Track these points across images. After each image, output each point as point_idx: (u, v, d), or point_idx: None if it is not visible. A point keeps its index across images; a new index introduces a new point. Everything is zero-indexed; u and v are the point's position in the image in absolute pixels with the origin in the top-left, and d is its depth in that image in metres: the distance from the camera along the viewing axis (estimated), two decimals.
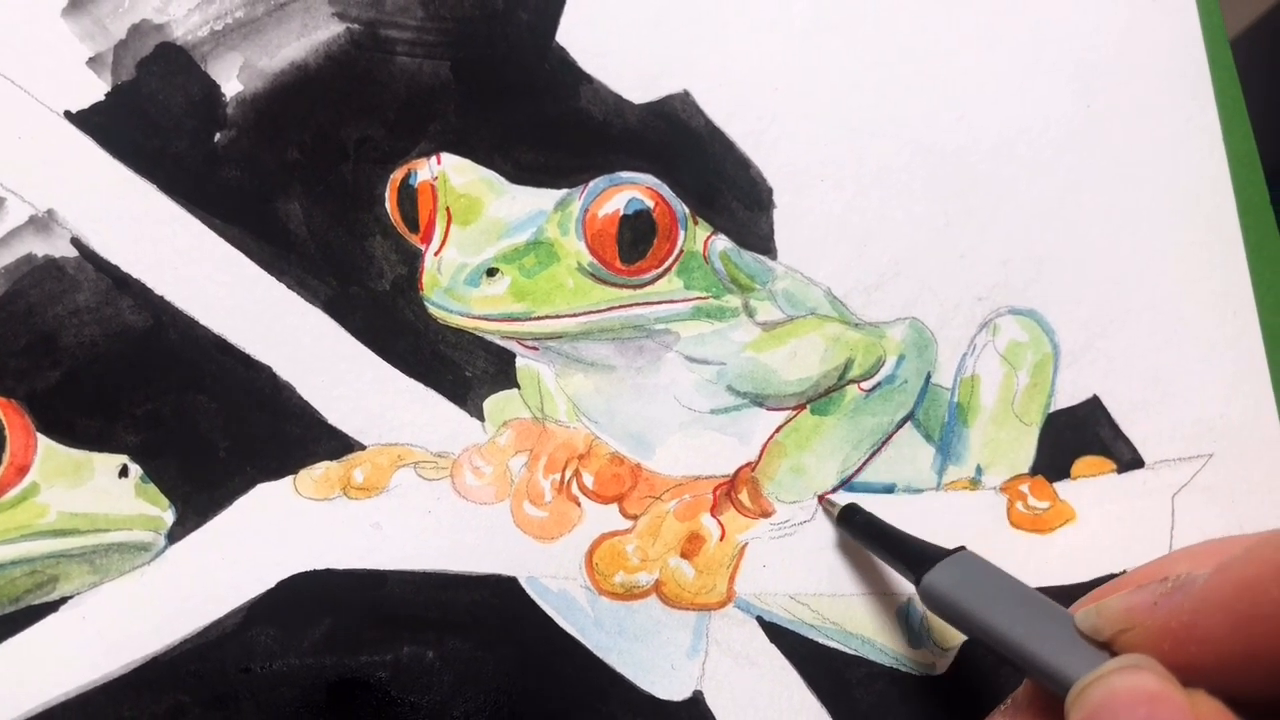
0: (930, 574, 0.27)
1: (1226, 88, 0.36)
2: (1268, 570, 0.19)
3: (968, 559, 0.28)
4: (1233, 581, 0.20)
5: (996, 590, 0.26)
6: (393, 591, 0.32)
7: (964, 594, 0.26)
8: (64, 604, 0.31)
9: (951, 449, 0.34)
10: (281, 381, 0.32)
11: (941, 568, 0.27)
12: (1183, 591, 0.20)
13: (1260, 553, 0.20)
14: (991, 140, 0.35)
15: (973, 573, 0.27)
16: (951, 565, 0.27)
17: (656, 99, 0.34)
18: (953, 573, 0.27)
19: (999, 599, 0.25)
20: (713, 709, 0.32)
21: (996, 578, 0.27)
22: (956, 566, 0.27)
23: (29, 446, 0.30)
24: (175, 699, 0.30)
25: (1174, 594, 0.21)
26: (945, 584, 0.27)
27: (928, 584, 0.27)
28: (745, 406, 0.33)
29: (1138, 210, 0.36)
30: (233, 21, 0.32)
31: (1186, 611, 0.20)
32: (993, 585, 0.26)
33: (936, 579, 0.27)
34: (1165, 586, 0.21)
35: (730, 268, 0.33)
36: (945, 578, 0.27)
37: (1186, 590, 0.20)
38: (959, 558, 0.28)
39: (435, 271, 0.32)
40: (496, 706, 0.31)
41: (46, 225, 0.31)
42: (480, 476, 0.33)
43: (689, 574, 0.33)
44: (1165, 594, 0.21)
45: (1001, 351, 0.35)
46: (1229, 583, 0.20)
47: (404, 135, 0.33)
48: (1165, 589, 0.21)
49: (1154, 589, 0.21)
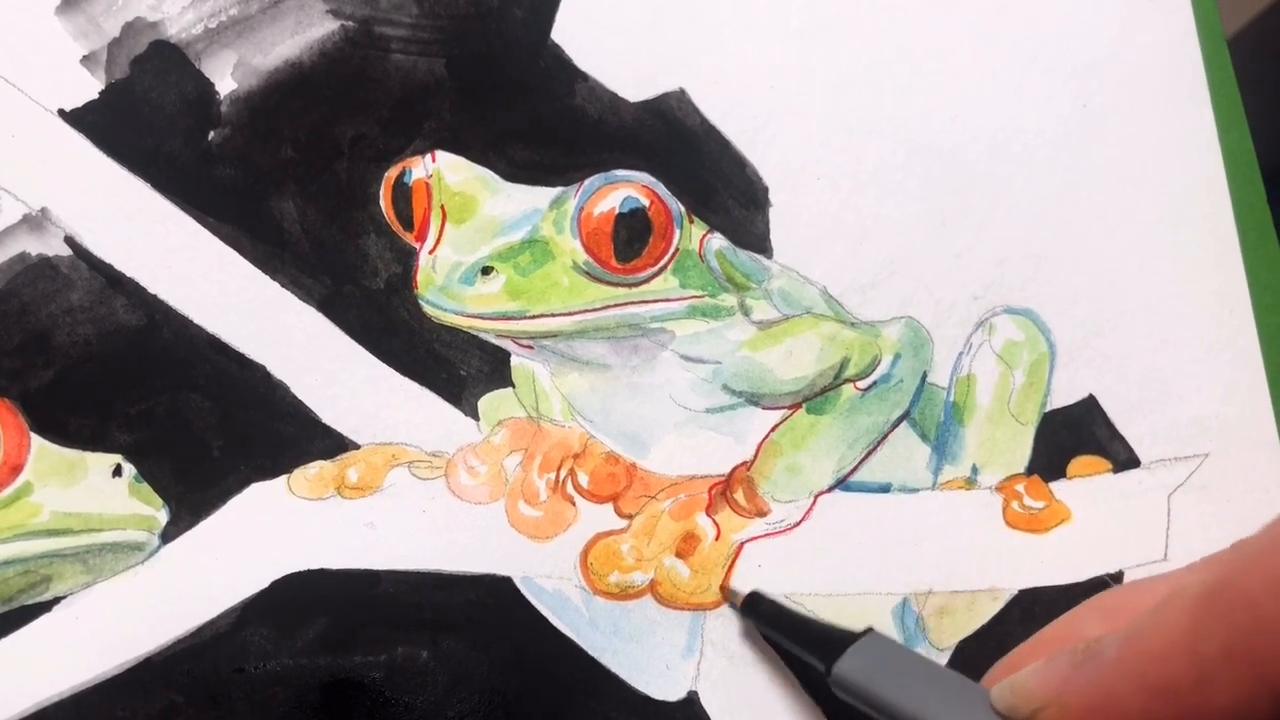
0: (840, 662, 0.27)
1: (1223, 87, 0.36)
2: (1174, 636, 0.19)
3: (876, 642, 0.27)
4: (1142, 653, 0.19)
5: (909, 672, 0.26)
6: (387, 591, 0.32)
7: (877, 680, 0.26)
8: (57, 604, 0.31)
9: (947, 448, 0.34)
10: (275, 380, 0.32)
11: (851, 654, 0.27)
12: (1094, 663, 0.20)
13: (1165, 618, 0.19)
14: (987, 139, 0.35)
15: (883, 655, 0.27)
16: (861, 651, 0.27)
17: (652, 97, 0.33)
18: (863, 658, 0.27)
19: (913, 681, 0.25)
20: (708, 709, 0.32)
21: (907, 659, 0.27)
22: (866, 651, 0.27)
23: (22, 446, 0.30)
24: (169, 699, 0.30)
25: (1086, 665, 0.20)
26: (856, 672, 0.27)
27: (838, 674, 0.27)
28: (741, 405, 0.33)
29: (1134, 210, 0.36)
30: (226, 19, 0.32)
31: (1100, 685, 0.20)
32: (905, 667, 0.26)
33: (847, 667, 0.27)
34: (1076, 657, 0.20)
35: (726, 266, 0.33)
36: (856, 664, 0.27)
37: (1097, 660, 0.20)
38: (867, 642, 0.27)
39: (430, 270, 0.32)
40: (491, 706, 0.31)
41: (40, 224, 0.31)
42: (475, 476, 0.32)
43: (684, 574, 0.33)
44: (1077, 666, 0.20)
45: (997, 351, 0.35)
46: (1137, 654, 0.19)
47: (399, 133, 0.32)
48: (1076, 660, 0.20)
49: (1066, 660, 0.21)
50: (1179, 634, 0.18)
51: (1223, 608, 0.18)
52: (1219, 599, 0.18)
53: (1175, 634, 0.19)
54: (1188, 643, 0.18)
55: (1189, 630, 0.18)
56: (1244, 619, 0.18)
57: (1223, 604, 0.18)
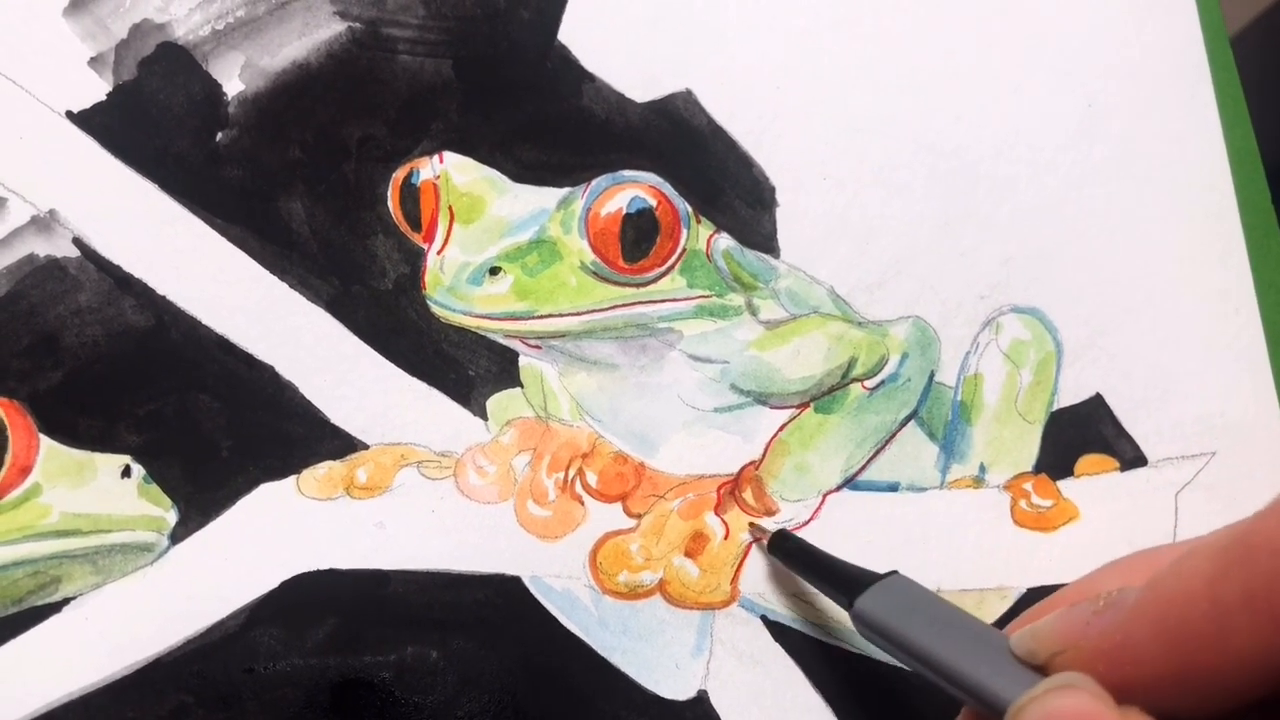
0: (862, 598, 0.27)
1: (1227, 86, 0.37)
2: (1197, 584, 0.19)
3: (900, 583, 0.27)
4: (1163, 598, 0.19)
5: (930, 614, 0.25)
6: (396, 591, 0.32)
7: (897, 618, 0.26)
8: (67, 605, 0.31)
9: (955, 447, 0.34)
10: (284, 381, 0.32)
11: (874, 592, 0.27)
12: (1114, 610, 0.20)
13: (1188, 566, 0.19)
14: (993, 139, 0.35)
15: (906, 597, 0.27)
16: (884, 590, 0.27)
17: (659, 97, 0.34)
18: (885, 597, 0.27)
19: (933, 623, 0.25)
20: (717, 708, 0.32)
21: (930, 602, 0.26)
22: (889, 591, 0.27)
23: (31, 447, 0.30)
24: (178, 699, 0.30)
25: (1106, 613, 0.20)
26: (878, 608, 0.26)
27: (860, 608, 0.27)
28: (749, 405, 0.33)
29: (1139, 208, 0.36)
30: (234, 20, 0.32)
31: (1119, 631, 0.20)
32: (926, 609, 0.26)
33: (869, 604, 0.27)
34: (1097, 605, 0.20)
35: (733, 266, 0.33)
36: (878, 602, 0.27)
37: (1118, 608, 0.20)
38: (891, 582, 0.27)
39: (438, 270, 0.32)
40: (500, 706, 0.31)
41: (48, 225, 0.31)
42: (484, 476, 0.32)
43: (693, 573, 0.33)
44: (1097, 613, 0.20)
45: (1004, 350, 0.35)
46: (1159, 600, 0.19)
47: (406, 134, 0.33)
48: (1097, 607, 0.20)
49: (1086, 608, 0.21)
50: (1200, 581, 0.19)
51: (1245, 555, 0.18)
52: (1241, 546, 0.18)
53: (1196, 581, 0.19)
54: (1208, 589, 0.18)
55: (1210, 577, 0.18)
56: (1266, 565, 0.18)
57: (1245, 551, 0.18)
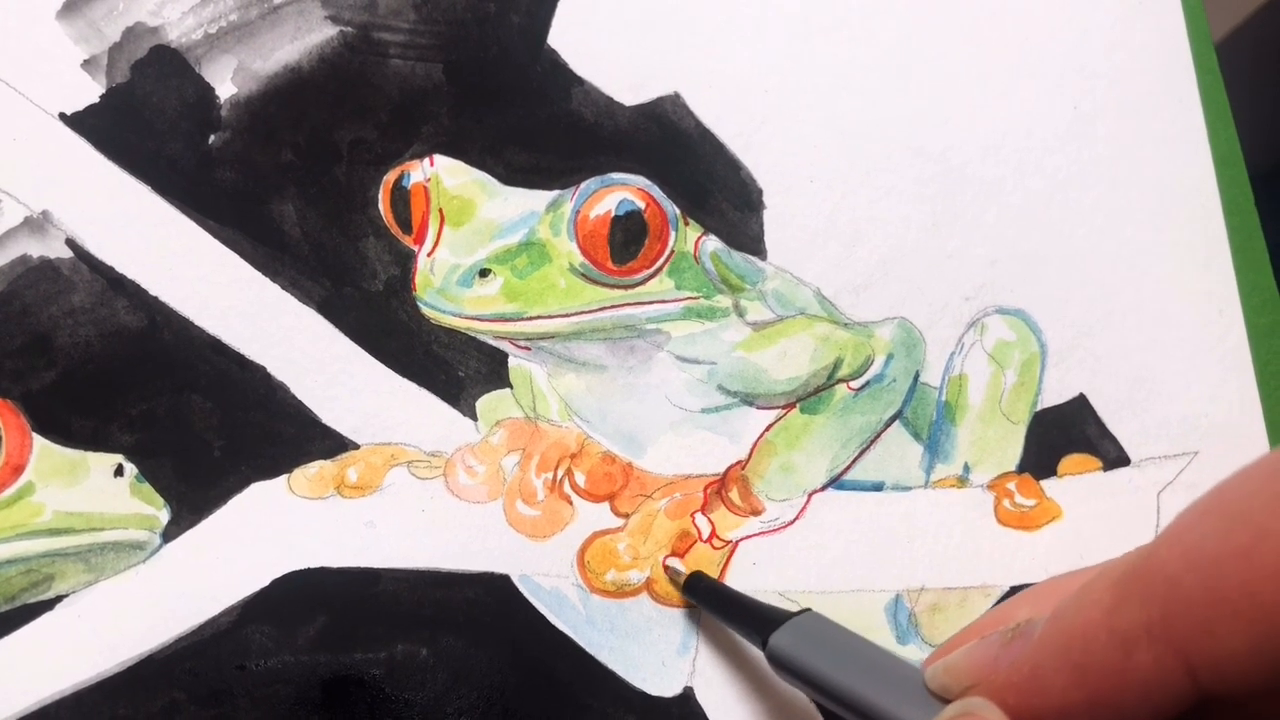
0: (775, 636, 0.27)
1: (1211, 91, 0.37)
2: (1097, 615, 0.19)
3: (813, 620, 0.27)
4: (1065, 629, 0.19)
5: (845, 651, 0.25)
6: (386, 589, 0.32)
7: (811, 656, 0.26)
8: (59, 602, 0.31)
9: (939, 447, 0.35)
10: (276, 381, 0.32)
11: (787, 629, 0.27)
12: (1021, 641, 0.20)
13: (1089, 596, 0.19)
14: (979, 141, 0.35)
15: (819, 634, 0.26)
16: (797, 627, 0.27)
17: (647, 101, 0.34)
18: (799, 635, 0.27)
19: (847, 660, 0.25)
20: (703, 705, 0.33)
21: (844, 638, 0.26)
22: (803, 629, 0.27)
23: (24, 446, 0.31)
24: (170, 696, 0.30)
25: (1013, 644, 0.20)
26: (791, 646, 0.26)
27: (773, 647, 0.27)
28: (735, 405, 0.34)
29: (1124, 211, 0.36)
30: (226, 24, 0.32)
31: (1026, 663, 0.20)
32: (841, 646, 0.26)
33: (782, 641, 0.27)
34: (1006, 637, 0.20)
35: (721, 268, 0.34)
36: (791, 640, 0.27)
37: (1025, 639, 0.20)
38: (803, 620, 0.27)
39: (428, 272, 0.32)
40: (489, 703, 0.31)
41: (41, 226, 0.31)
42: (473, 475, 0.33)
43: (680, 572, 0.33)
44: (1005, 645, 0.20)
45: (989, 350, 0.35)
46: (1062, 630, 0.19)
47: (397, 137, 0.33)
48: (1005, 639, 0.20)
49: (995, 640, 0.21)
50: (1100, 612, 0.19)
51: (1142, 585, 0.18)
52: (1139, 576, 0.18)
53: (1097, 612, 0.19)
54: (1109, 620, 0.18)
55: (1110, 608, 0.18)
56: (1162, 595, 0.18)
57: (1142, 581, 0.18)
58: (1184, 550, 0.18)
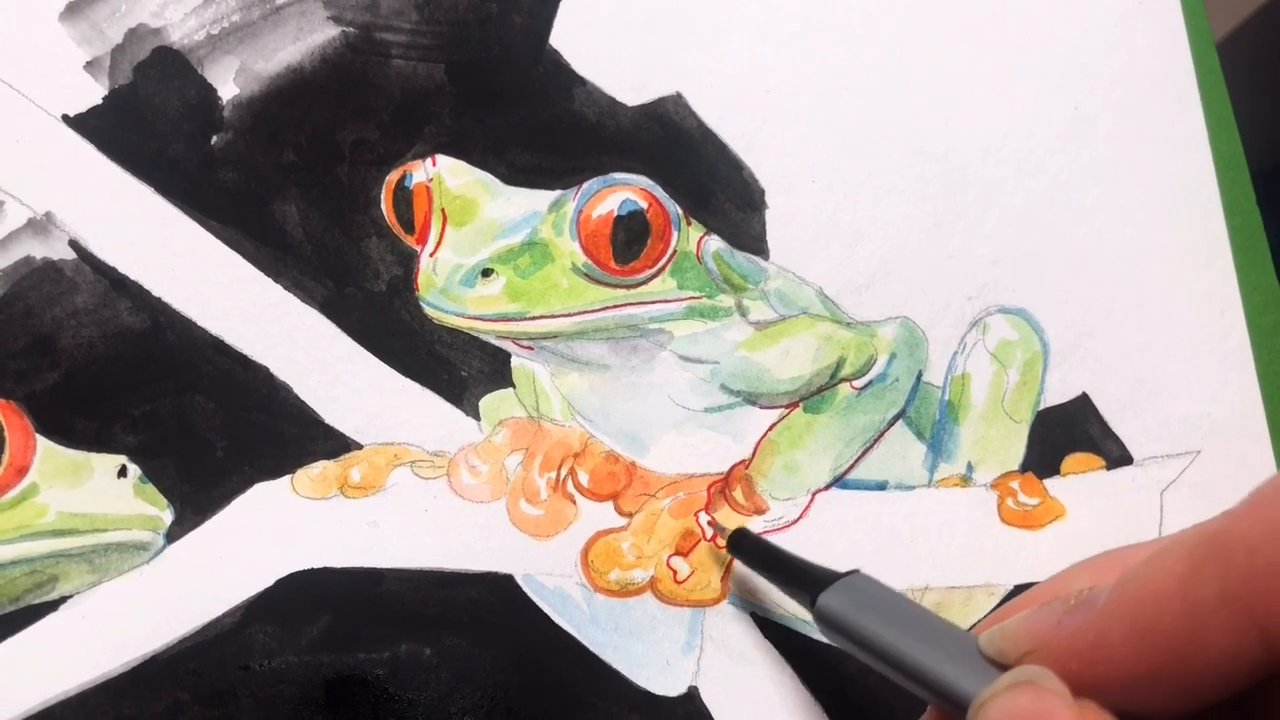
0: (825, 595, 0.26)
1: (1212, 90, 0.37)
2: (1169, 583, 0.18)
3: (862, 581, 0.26)
4: (1134, 597, 0.19)
5: (895, 613, 0.25)
6: (390, 589, 0.32)
7: (861, 616, 0.25)
8: (63, 603, 0.31)
9: (943, 446, 0.35)
10: (279, 382, 0.32)
11: (836, 589, 0.26)
12: (1086, 608, 0.20)
13: (1160, 564, 0.19)
14: (980, 141, 0.35)
15: (869, 595, 0.26)
16: (846, 588, 0.26)
17: (649, 101, 0.34)
18: (848, 595, 0.26)
19: (897, 621, 0.24)
20: (708, 704, 0.33)
21: (894, 600, 0.25)
22: (851, 589, 0.26)
23: (28, 447, 0.31)
24: (174, 697, 0.30)
25: (1077, 611, 0.20)
26: (841, 606, 0.26)
27: (822, 606, 0.26)
28: (738, 405, 0.34)
29: (1126, 210, 0.36)
30: (229, 25, 0.32)
31: (1090, 630, 0.19)
32: (891, 608, 0.25)
33: (831, 601, 0.26)
34: (1068, 604, 0.20)
35: (723, 268, 0.34)
36: (841, 600, 0.26)
37: (1089, 607, 0.20)
38: (853, 580, 0.26)
39: (431, 272, 0.32)
40: (493, 703, 0.31)
41: (45, 228, 0.31)
42: (476, 475, 0.33)
43: (684, 571, 0.33)
44: (1068, 612, 0.20)
45: (992, 350, 0.35)
46: (1130, 598, 0.19)
47: (399, 137, 0.33)
48: (1068, 606, 0.20)
49: (1057, 607, 0.20)
50: (1174, 580, 0.18)
51: (1220, 553, 0.18)
52: (1216, 545, 0.18)
53: (1170, 580, 0.18)
54: (1182, 589, 0.18)
55: (1184, 576, 0.18)
56: (1241, 564, 0.17)
57: (1220, 550, 0.18)
58: (1265, 519, 0.17)
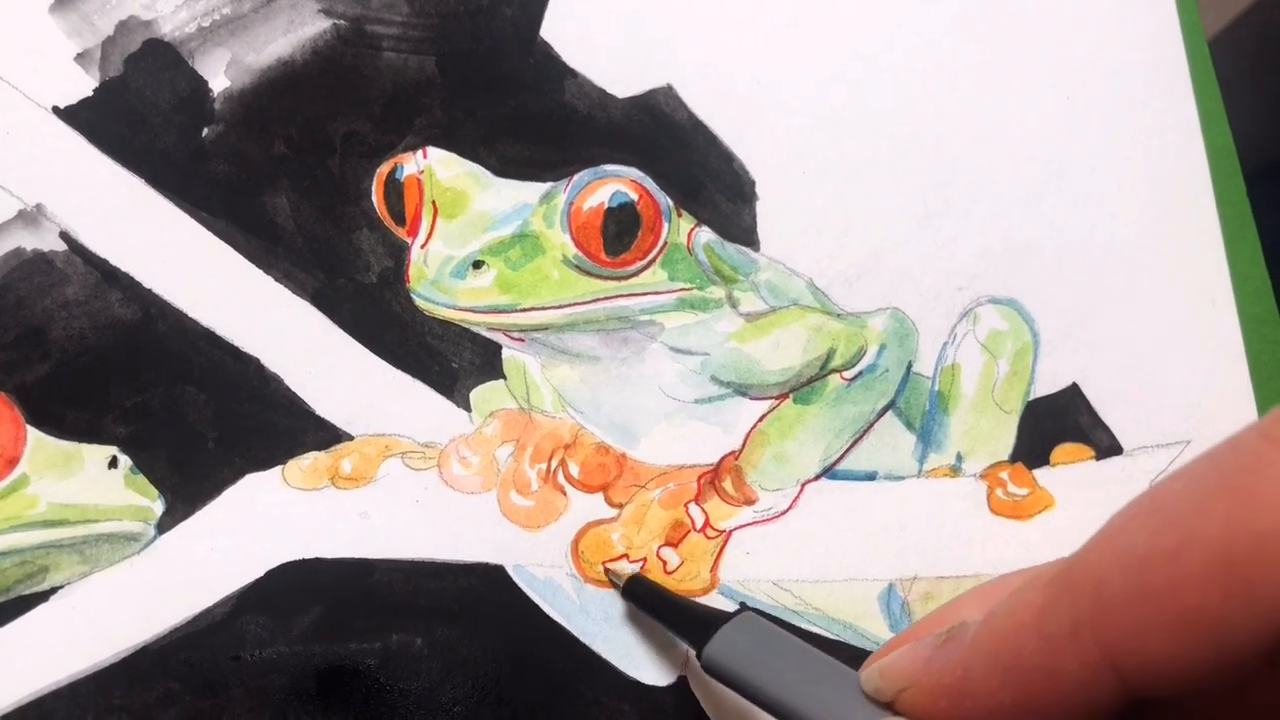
0: (711, 644, 0.26)
1: (1204, 83, 0.37)
2: (1028, 617, 0.18)
3: (750, 622, 0.27)
4: (997, 632, 0.19)
5: (781, 655, 0.25)
6: (381, 580, 0.32)
7: (746, 661, 0.25)
8: (54, 594, 0.31)
9: (932, 437, 0.35)
10: (269, 373, 0.32)
11: (723, 634, 0.26)
12: (954, 644, 0.20)
13: (1021, 599, 0.19)
14: (971, 132, 0.35)
15: (756, 637, 0.26)
16: (734, 630, 0.26)
17: (640, 93, 0.34)
18: (735, 639, 0.26)
19: (784, 664, 0.24)
20: (696, 693, 0.33)
21: (781, 641, 0.26)
22: (739, 631, 0.26)
23: (19, 438, 0.31)
24: (165, 687, 0.30)
25: (947, 647, 0.20)
26: (727, 653, 0.26)
27: (709, 655, 0.26)
28: (729, 396, 0.34)
29: (1117, 200, 0.36)
30: (220, 18, 0.32)
31: (958, 665, 0.19)
32: (778, 649, 0.25)
33: (718, 649, 0.26)
34: (940, 638, 0.20)
35: (714, 259, 0.34)
36: (727, 646, 0.26)
37: (958, 642, 0.20)
38: (741, 621, 0.27)
39: (422, 264, 0.32)
40: (484, 692, 0.32)
41: (35, 219, 0.31)
42: (467, 466, 0.33)
43: (674, 561, 0.33)
44: (938, 647, 0.20)
45: (982, 340, 0.35)
46: (993, 633, 0.19)
47: (390, 129, 0.33)
48: (939, 641, 0.20)
49: (930, 642, 0.20)
50: (1031, 614, 0.18)
51: (1072, 586, 0.18)
52: (1069, 578, 0.18)
53: (1028, 614, 0.18)
54: (1038, 622, 0.18)
55: (1040, 610, 0.18)
56: (1090, 596, 0.17)
57: (1072, 582, 0.18)
58: (1113, 552, 0.17)
